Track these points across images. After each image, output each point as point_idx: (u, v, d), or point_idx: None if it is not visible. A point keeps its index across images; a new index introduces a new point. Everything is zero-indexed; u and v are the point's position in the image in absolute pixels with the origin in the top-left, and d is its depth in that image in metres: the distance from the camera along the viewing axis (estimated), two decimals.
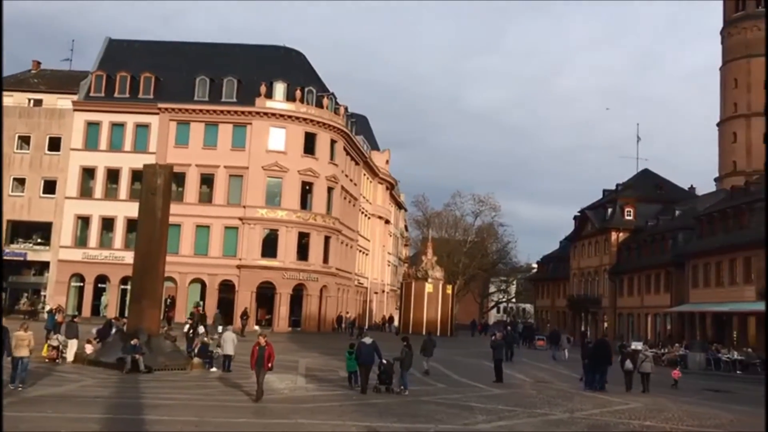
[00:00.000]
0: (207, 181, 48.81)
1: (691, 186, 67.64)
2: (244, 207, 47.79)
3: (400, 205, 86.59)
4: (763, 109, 65.14)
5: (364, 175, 64.21)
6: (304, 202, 49.34)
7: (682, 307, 47.18)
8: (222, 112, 48.65)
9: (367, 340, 19.57)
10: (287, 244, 47.83)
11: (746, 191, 44.79)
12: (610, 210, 63.88)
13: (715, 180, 69.14)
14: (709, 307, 43.61)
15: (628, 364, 23.80)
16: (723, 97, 68.85)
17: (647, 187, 65.97)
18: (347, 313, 50.39)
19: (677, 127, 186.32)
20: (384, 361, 19.57)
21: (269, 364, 17.16)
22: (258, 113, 48.42)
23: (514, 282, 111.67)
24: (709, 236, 45.34)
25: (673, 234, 52.40)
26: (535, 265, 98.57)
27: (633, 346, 32.45)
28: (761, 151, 64.49)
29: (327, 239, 50.54)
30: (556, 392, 22.04)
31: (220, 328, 32.50)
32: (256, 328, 46.18)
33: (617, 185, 69.36)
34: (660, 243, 54.05)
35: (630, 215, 62.22)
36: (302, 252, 48.77)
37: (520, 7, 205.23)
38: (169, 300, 44.41)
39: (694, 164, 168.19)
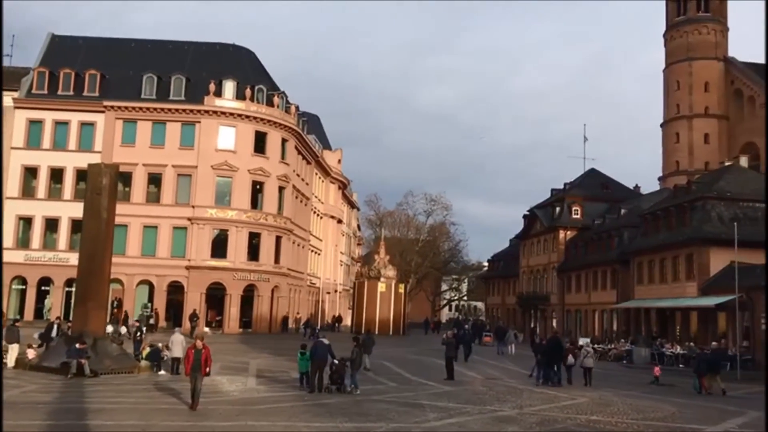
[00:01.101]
0: (155, 180, 47.94)
1: (636, 185, 69.35)
2: (193, 207, 47.09)
3: (352, 205, 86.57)
4: (703, 110, 67.34)
5: (316, 174, 63.96)
6: (255, 202, 48.89)
7: (627, 303, 48.33)
8: (170, 110, 47.84)
9: (324, 340, 19.61)
10: (237, 244, 47.32)
11: (688, 190, 46.12)
12: (558, 209, 65.01)
13: (659, 179, 71.09)
14: (653, 303, 44.77)
15: (570, 359, 24.81)
16: (666, 98, 70.81)
17: (594, 186, 67.37)
18: (297, 314, 50.06)
19: (624, 128, 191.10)
20: (336, 361, 19.58)
21: (207, 369, 15.97)
22: (207, 112, 47.78)
23: (466, 280, 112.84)
24: (653, 234, 46.55)
25: (618, 232, 53.63)
26: (486, 264, 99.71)
27: (581, 342, 33.31)
28: (702, 151, 66.60)
29: (278, 239, 50.18)
30: (506, 389, 22.34)
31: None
32: (206, 329, 45.71)
33: (565, 184, 70.65)
34: (606, 241, 55.26)
35: (577, 214, 63.44)
36: (253, 252, 48.31)
37: (473, 6, 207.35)
38: (115, 302, 43.51)
39: (640, 164, 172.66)
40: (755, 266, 35.91)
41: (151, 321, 41.79)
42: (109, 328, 27.64)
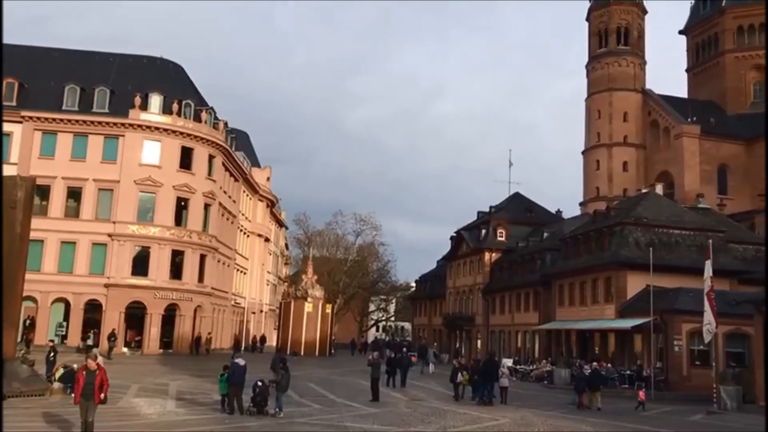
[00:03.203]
0: (74, 194, 46.25)
1: (558, 210, 71.39)
2: (114, 223, 45.63)
3: (280, 223, 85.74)
4: (622, 139, 70.16)
5: (244, 191, 63.12)
6: (179, 219, 47.78)
7: (548, 324, 49.46)
8: (92, 122, 46.38)
9: (240, 361, 19.17)
10: (160, 262, 46.06)
11: (607, 215, 47.78)
12: (483, 231, 66.16)
13: (580, 204, 73.47)
14: (574, 325, 45.98)
15: (460, 377, 26.45)
16: (588, 126, 73.45)
17: (518, 210, 68.99)
18: (209, 333, 48.55)
19: (547, 154, 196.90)
20: (259, 383, 19.22)
21: (102, 395, 13.42)
22: (131, 125, 46.57)
23: (394, 300, 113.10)
24: (574, 257, 47.94)
25: (541, 255, 54.99)
26: (413, 284, 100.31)
27: (503, 363, 33.91)
28: (621, 178, 69.26)
29: (203, 257, 49.13)
30: (430, 409, 22.44)
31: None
32: (125, 350, 44.21)
33: (491, 207, 72.02)
34: (529, 263, 56.54)
35: (502, 236, 64.75)
36: (176, 270, 47.11)
37: (399, 31, 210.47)
38: (28, 321, 41.56)
39: (562, 189, 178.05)
40: (668, 290, 37.50)
41: (89, 342, 40.00)
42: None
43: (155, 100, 47.72)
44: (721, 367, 31.33)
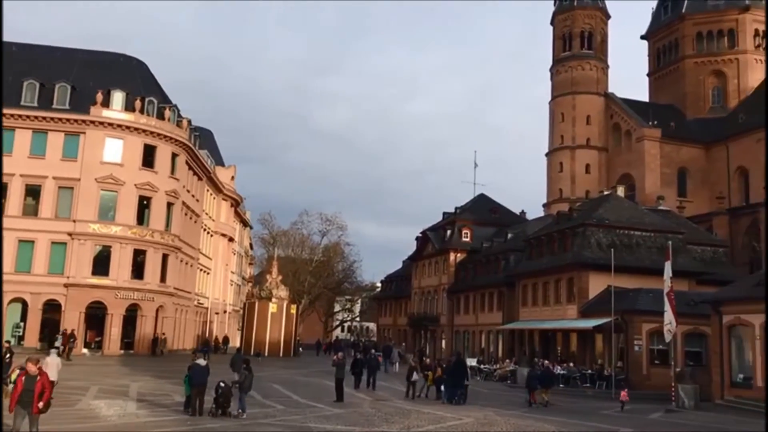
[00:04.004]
0: (33, 192, 45.23)
1: (522, 211, 72.09)
2: (74, 221, 44.76)
3: (245, 223, 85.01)
4: (585, 142, 71.15)
5: (208, 190, 62.46)
6: (141, 218, 47.07)
7: (512, 324, 49.94)
8: (53, 119, 45.42)
9: (201, 361, 18.95)
10: (121, 261, 45.31)
11: (570, 217, 48.40)
12: (449, 231, 66.54)
13: (544, 206, 74.31)
14: (537, 325, 46.48)
15: (415, 375, 27.14)
16: (552, 129, 74.32)
17: (483, 211, 69.51)
18: (162, 333, 47.68)
19: (512, 155, 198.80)
20: (222, 384, 19.02)
21: (40, 404, 11.85)
22: (93, 122, 45.73)
23: (359, 301, 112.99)
24: (537, 258, 48.46)
25: (505, 255, 55.50)
26: (379, 284, 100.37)
27: (469, 362, 34.28)
28: (584, 180, 70.23)
29: (165, 257, 48.47)
30: (394, 409, 22.46)
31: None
32: (85, 351, 43.45)
33: (456, 208, 72.43)
34: (494, 264, 57.03)
35: (467, 237, 65.19)
36: (138, 270, 46.39)
37: (371, 29, 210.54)
38: None
39: (526, 190, 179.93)
40: (629, 290, 38.15)
41: (57, 344, 38.94)
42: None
43: (117, 97, 46.97)
44: (680, 366, 31.95)
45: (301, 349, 62.56)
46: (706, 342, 34.66)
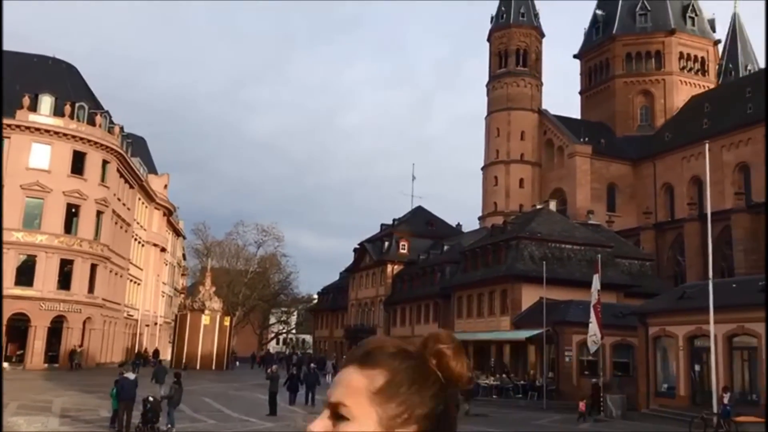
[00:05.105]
0: None
1: (459, 223, 73.07)
2: None
3: (178, 233, 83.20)
4: (519, 157, 72.63)
5: (140, 199, 60.91)
6: (69, 226, 45.49)
7: None
8: None
9: (129, 375, 18.38)
10: (47, 271, 43.62)
11: (504, 230, 49.26)
12: (386, 243, 66.76)
13: (479, 218, 75.36)
14: (471, 336, 46.96)
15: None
16: (487, 143, 75.59)
17: (420, 223, 70.08)
18: (78, 345, 45.84)
19: (449, 168, 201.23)
20: (151, 398, 18.45)
21: None
22: (19, 127, 44.02)
23: (295, 313, 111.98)
24: (472, 270, 49.08)
25: (441, 267, 56.01)
26: (315, 296, 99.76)
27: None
28: (518, 194, 71.58)
29: (94, 267, 46.93)
30: None
31: None
32: (5, 365, 41.50)
33: (394, 220, 72.82)
34: (430, 275, 57.47)
35: (404, 249, 65.55)
36: (64, 281, 44.77)
37: (306, 40, 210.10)
38: None
39: (462, 203, 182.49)
40: (560, 302, 39.01)
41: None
42: None
43: (46, 101, 45.40)
44: (608, 377, 32.80)
45: (237, 363, 61.54)
46: (633, 353, 35.70)
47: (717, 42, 76.56)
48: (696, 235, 51.63)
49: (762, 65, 73.95)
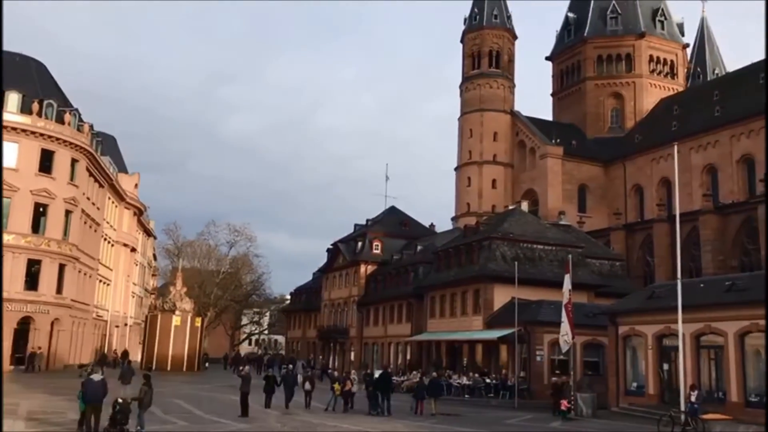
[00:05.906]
0: None
1: (432, 224, 73.23)
2: None
3: (149, 233, 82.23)
4: (492, 158, 73.04)
5: (110, 199, 60.08)
6: (37, 226, 44.67)
7: (420, 336, 50.46)
8: None
9: (96, 376, 18.08)
10: (13, 272, 42.74)
11: (476, 230, 49.53)
12: (360, 243, 66.74)
13: (452, 219, 75.65)
14: (444, 336, 47.18)
15: (307, 386, 27.42)
16: (460, 144, 75.92)
17: (393, 223, 70.17)
18: (38, 348, 44.86)
19: (423, 169, 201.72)
20: (120, 400, 18.18)
21: None
22: None
23: (268, 313, 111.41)
24: (445, 270, 49.26)
25: (414, 267, 56.14)
26: (288, 297, 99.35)
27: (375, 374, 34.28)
28: (490, 195, 72.00)
29: (62, 267, 46.16)
30: (300, 423, 22.17)
31: None
32: None
33: (367, 220, 72.82)
34: (403, 276, 57.56)
35: (378, 249, 65.58)
36: (31, 281, 43.95)
37: (279, 40, 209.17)
38: None
39: (436, 203, 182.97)
40: (532, 302, 39.35)
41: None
42: None
43: (13, 99, 44.46)
44: (579, 376, 33.13)
45: (207, 364, 61.02)
46: (603, 352, 36.11)
47: (686, 45, 77.85)
48: (665, 236, 52.42)
49: (729, 69, 75.42)
